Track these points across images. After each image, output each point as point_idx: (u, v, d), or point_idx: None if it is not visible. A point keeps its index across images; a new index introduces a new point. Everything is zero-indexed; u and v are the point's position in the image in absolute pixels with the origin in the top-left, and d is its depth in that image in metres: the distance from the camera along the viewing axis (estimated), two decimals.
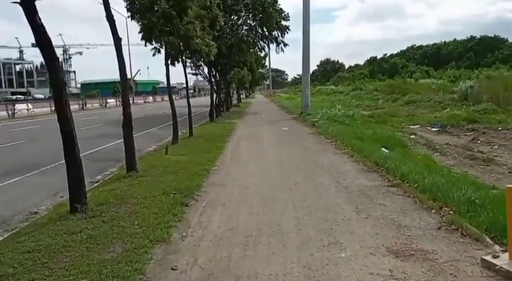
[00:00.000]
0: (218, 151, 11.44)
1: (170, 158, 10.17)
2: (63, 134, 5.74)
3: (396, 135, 13.00)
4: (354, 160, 9.04)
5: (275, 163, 9.35)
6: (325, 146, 11.53)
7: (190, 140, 14.57)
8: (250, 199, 6.45)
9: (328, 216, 5.34)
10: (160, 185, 7.28)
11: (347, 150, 10.28)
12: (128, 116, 8.23)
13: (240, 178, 7.94)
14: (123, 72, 8.14)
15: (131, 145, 8.24)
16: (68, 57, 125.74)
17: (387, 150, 10.30)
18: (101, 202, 6.30)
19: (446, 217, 4.95)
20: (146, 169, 8.77)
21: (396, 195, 6.10)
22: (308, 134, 14.87)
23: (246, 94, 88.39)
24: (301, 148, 11.47)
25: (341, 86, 67.28)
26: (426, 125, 16.62)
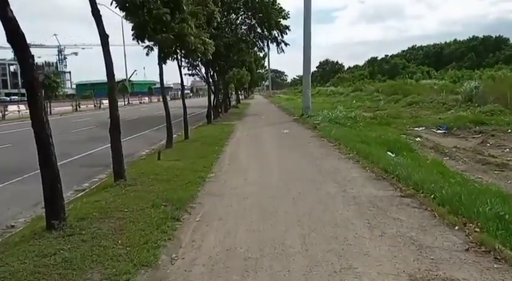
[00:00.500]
0: (215, 156, 10.81)
1: (163, 164, 9.53)
2: (38, 141, 5.10)
3: (402, 139, 12.39)
4: (361, 165, 8.41)
5: (276, 169, 8.72)
6: (328, 150, 10.90)
7: (185, 144, 13.93)
8: (249, 211, 5.82)
9: (338, 233, 4.71)
10: (150, 195, 6.64)
11: (352, 155, 9.65)
12: (116, 119, 7.59)
13: (238, 187, 7.31)
14: (110, 71, 7.51)
15: (119, 150, 7.60)
16: (63, 57, 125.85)
17: (393, 154, 9.70)
18: (82, 216, 5.66)
19: (473, 235, 4.32)
20: (136, 176, 8.13)
21: (411, 208, 5.47)
22: (310, 137, 14.25)
23: (245, 95, 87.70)
24: (303, 153, 10.84)
25: (341, 87, 66.76)
26: (431, 127, 16.01)
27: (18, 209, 7.26)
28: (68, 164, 11.71)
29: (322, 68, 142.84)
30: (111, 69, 7.50)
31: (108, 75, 7.53)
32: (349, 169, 8.28)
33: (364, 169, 8.10)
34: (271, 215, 5.53)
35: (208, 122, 21.68)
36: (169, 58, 13.42)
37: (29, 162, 11.79)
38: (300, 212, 5.55)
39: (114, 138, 7.56)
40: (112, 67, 7.52)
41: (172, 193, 6.70)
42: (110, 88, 7.84)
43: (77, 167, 11.39)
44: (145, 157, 11.94)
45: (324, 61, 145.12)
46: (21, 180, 9.38)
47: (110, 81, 7.60)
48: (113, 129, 7.53)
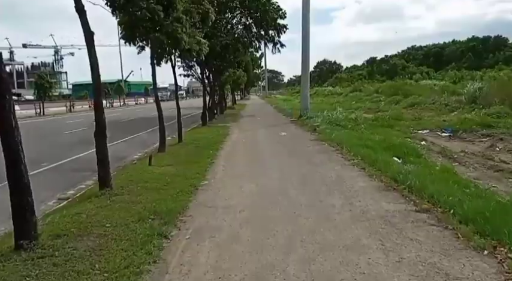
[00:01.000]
0: (209, 161, 10.18)
1: (154, 170, 8.91)
2: (5, 148, 4.47)
3: (408, 143, 11.78)
4: (367, 173, 7.80)
5: (275, 177, 8.09)
6: (330, 156, 10.28)
7: (179, 147, 13.31)
8: (245, 227, 5.19)
9: (348, 258, 4.09)
10: (137, 207, 6.02)
11: (356, 161, 9.04)
12: (102, 123, 6.95)
13: (233, 197, 6.68)
14: (96, 72, 6.88)
15: (105, 157, 6.97)
16: (59, 58, 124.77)
17: (400, 160, 9.10)
18: (58, 232, 5.03)
19: (508, 263, 3.71)
20: (124, 184, 7.50)
21: (429, 225, 4.85)
22: (310, 141, 13.66)
23: (242, 96, 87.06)
24: (303, 158, 10.22)
25: (339, 87, 66.19)
26: (436, 130, 15.41)
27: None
28: (55, 168, 11.11)
29: (319, 68, 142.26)
30: (96, 70, 6.87)
31: (93, 76, 6.90)
32: (354, 177, 7.66)
33: (371, 177, 7.48)
34: (270, 233, 4.90)
35: (203, 124, 21.04)
36: (163, 59, 12.82)
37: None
38: (302, 230, 4.92)
39: (100, 143, 6.92)
40: (97, 67, 6.89)
41: (161, 204, 6.08)
42: (96, 90, 7.21)
43: (65, 171, 10.75)
44: (136, 162, 11.29)
45: (321, 61, 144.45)
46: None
47: (95, 82, 6.97)
48: (98, 133, 6.89)
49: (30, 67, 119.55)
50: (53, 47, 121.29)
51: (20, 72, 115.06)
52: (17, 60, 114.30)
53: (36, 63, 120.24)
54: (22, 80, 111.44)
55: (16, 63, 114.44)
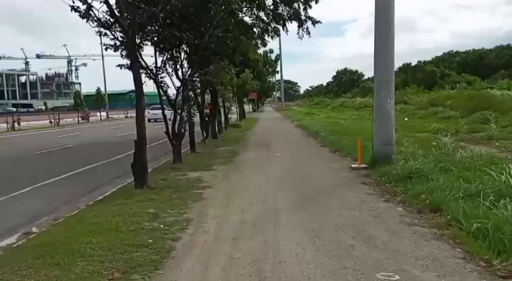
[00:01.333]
0: None
1: None
2: None
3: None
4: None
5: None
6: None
7: None
8: None
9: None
10: None
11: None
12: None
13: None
14: None
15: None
16: (74, 68, 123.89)
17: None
18: None
19: None
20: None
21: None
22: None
23: (254, 107, 75.05)
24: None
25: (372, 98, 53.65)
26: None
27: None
28: None
29: (339, 78, 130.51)
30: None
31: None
32: None
33: None
34: None
35: (139, 183, 8.70)
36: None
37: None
38: None
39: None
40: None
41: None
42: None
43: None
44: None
45: (341, 70, 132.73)
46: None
47: None
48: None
49: (45, 78, 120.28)
50: (66, 58, 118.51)
51: (33, 83, 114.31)
52: (31, 71, 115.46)
53: (50, 74, 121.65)
54: (36, 90, 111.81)
55: (30, 74, 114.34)
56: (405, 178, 7.07)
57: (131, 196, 7.44)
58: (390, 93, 9.04)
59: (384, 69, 9.03)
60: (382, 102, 9.00)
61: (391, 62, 9.01)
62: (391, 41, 8.97)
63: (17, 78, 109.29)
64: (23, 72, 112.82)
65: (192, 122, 14.11)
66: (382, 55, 9.08)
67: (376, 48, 9.09)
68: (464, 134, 17.34)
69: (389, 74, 9.02)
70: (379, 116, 9.19)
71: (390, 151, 9.10)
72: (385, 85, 9.01)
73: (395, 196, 6.51)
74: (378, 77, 9.17)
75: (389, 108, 9.00)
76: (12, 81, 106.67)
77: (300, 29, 19.23)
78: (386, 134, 9.10)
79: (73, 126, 39.71)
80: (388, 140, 9.08)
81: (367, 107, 45.69)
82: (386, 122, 9.07)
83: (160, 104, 11.66)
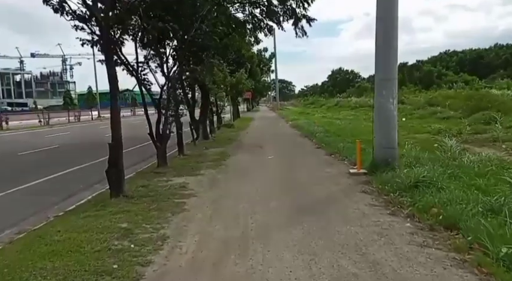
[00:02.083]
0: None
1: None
2: None
3: None
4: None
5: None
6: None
7: None
8: None
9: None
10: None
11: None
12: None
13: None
14: None
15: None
16: (68, 67, 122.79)
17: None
18: None
19: None
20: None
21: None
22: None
23: (248, 107, 74.17)
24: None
25: (369, 98, 52.98)
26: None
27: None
28: None
29: (333, 77, 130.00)
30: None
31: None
32: None
33: None
34: None
35: (114, 191, 7.81)
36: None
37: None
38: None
39: None
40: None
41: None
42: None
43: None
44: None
45: (336, 70, 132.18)
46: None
47: None
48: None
49: (40, 76, 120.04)
50: (61, 57, 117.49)
51: (28, 82, 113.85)
52: (26, 70, 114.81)
53: (44, 73, 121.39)
54: (30, 89, 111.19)
55: (24, 73, 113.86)
56: (411, 186, 6.30)
57: (105, 206, 6.62)
58: (393, 92, 8.25)
59: (386, 66, 8.23)
60: (384, 102, 8.20)
61: (394, 59, 8.22)
62: (395, 36, 8.19)
63: (12, 77, 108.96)
64: (18, 71, 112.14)
65: (180, 122, 13.29)
66: (384, 51, 8.29)
67: (377, 44, 8.31)
68: (467, 136, 16.66)
69: (392, 71, 8.23)
70: (380, 117, 8.40)
71: (392, 155, 8.33)
72: (387, 84, 8.21)
73: (401, 208, 5.74)
74: (379, 75, 8.38)
75: (392, 109, 8.21)
76: (7, 80, 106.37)
77: (296, 28, 18.56)
78: (388, 136, 8.32)
79: (63, 125, 38.74)
80: (390, 143, 8.31)
81: (363, 107, 45.14)
82: (388, 123, 8.28)
83: (143, 103, 10.83)
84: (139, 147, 15.82)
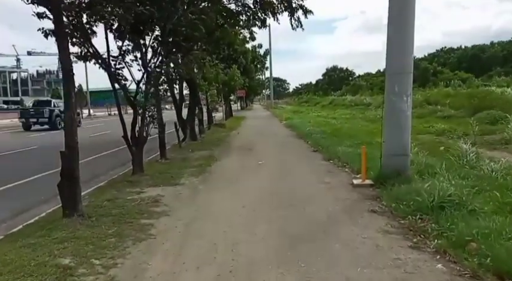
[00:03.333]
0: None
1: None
2: None
3: None
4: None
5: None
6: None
7: None
8: None
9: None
10: None
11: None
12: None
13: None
14: None
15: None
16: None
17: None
18: None
19: None
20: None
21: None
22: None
23: (242, 105, 72.77)
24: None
25: (365, 96, 51.82)
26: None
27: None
28: None
29: (328, 75, 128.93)
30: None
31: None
32: None
33: None
34: None
35: (67, 210, 6.41)
36: None
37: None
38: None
39: None
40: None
41: None
42: None
43: None
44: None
45: (331, 68, 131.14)
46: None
47: None
48: None
49: (36, 75, 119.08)
50: (57, 55, 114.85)
51: (24, 80, 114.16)
52: (22, 68, 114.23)
53: (41, 71, 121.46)
54: (26, 87, 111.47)
55: (21, 71, 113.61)
56: (435, 207, 5.05)
57: (52, 230, 5.30)
58: (408, 89, 6.96)
59: (400, 57, 6.90)
60: (397, 100, 6.89)
61: (410, 48, 6.87)
62: (411, 19, 6.87)
63: (8, 75, 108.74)
64: (14, 70, 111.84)
65: (163, 123, 11.98)
66: (398, 38, 6.95)
67: (390, 29, 6.98)
68: (475, 137, 15.49)
69: (407, 63, 6.92)
70: (391, 118, 7.10)
71: (403, 163, 7.07)
72: (400, 78, 6.91)
73: (426, 238, 4.47)
74: (391, 68, 7.06)
75: (405, 109, 6.92)
76: (3, 78, 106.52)
77: (292, 19, 17.33)
78: (399, 141, 7.04)
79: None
80: (402, 149, 7.03)
81: (358, 106, 43.87)
82: (400, 126, 6.99)
83: (116, 101, 9.50)
84: (122, 148, 14.49)
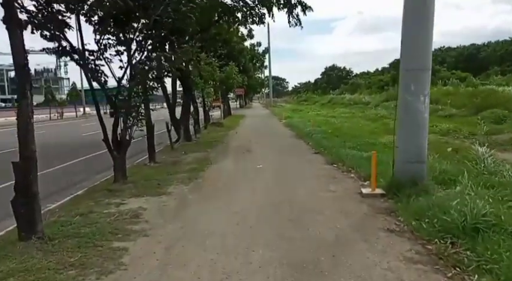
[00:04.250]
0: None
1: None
2: None
3: None
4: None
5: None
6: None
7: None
8: None
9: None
10: None
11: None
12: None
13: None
14: None
15: None
16: (63, 64, 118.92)
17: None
18: None
19: None
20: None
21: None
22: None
23: (241, 103, 71.83)
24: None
25: (362, 95, 50.92)
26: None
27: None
28: None
29: (326, 74, 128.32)
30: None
31: None
32: None
33: None
34: None
35: (23, 232, 5.59)
36: None
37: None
38: None
39: None
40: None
41: None
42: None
43: None
44: None
45: (329, 67, 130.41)
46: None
47: None
48: None
49: (34, 73, 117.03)
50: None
51: None
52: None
53: (39, 70, 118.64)
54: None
55: None
56: (468, 228, 4.14)
57: (3, 257, 4.38)
58: (425, 87, 6.03)
59: (418, 51, 5.96)
60: (413, 100, 5.97)
61: (429, 40, 5.96)
62: (431, 9, 5.97)
63: (6, 73, 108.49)
64: (12, 68, 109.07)
65: (151, 123, 11.07)
66: (416, 31, 6.02)
67: (406, 19, 6.06)
68: (487, 138, 14.62)
69: (426, 59, 5.99)
70: (406, 120, 6.18)
71: (420, 171, 6.17)
72: (417, 75, 5.99)
73: (462, 271, 3.56)
74: (406, 64, 6.12)
75: (422, 110, 6.00)
76: (0, 77, 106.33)
77: (290, 16, 16.48)
78: (416, 146, 6.13)
79: (43, 123, 36.04)
80: (418, 155, 6.13)
81: (357, 104, 42.97)
82: (417, 129, 6.08)
83: (94, 100, 8.58)
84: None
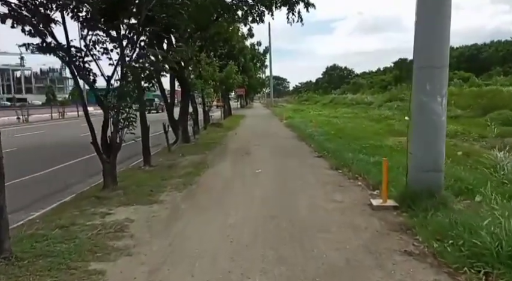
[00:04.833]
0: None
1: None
2: None
3: None
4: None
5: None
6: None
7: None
8: None
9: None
10: None
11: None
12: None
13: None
14: None
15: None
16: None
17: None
18: None
19: None
20: None
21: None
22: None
23: (242, 103, 71.22)
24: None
25: (366, 94, 50.32)
26: None
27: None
28: None
29: (328, 74, 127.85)
30: None
31: None
32: None
33: None
34: None
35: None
36: None
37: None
38: None
39: None
40: None
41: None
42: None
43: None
44: None
45: (330, 66, 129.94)
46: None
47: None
48: None
49: (40, 73, 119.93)
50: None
51: (28, 78, 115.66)
52: (25, 66, 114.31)
53: (44, 69, 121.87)
54: (30, 85, 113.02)
55: (24, 69, 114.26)
56: (502, 254, 3.54)
57: None
58: (442, 87, 5.40)
59: (434, 46, 5.31)
60: (428, 101, 5.35)
61: (447, 35, 5.37)
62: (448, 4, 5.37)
63: (12, 73, 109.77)
64: (18, 68, 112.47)
65: (147, 124, 10.49)
66: (431, 24, 5.39)
67: (419, 13, 5.45)
68: (483, 138, 14.15)
69: (443, 54, 5.36)
70: (420, 123, 5.56)
71: (436, 181, 5.56)
72: (433, 74, 5.35)
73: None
74: (420, 61, 5.48)
75: (439, 112, 5.38)
76: (7, 76, 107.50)
77: (290, 13, 15.93)
78: (432, 153, 5.51)
79: (44, 123, 35.52)
80: (436, 163, 5.52)
81: (359, 104, 42.33)
82: (434, 133, 5.47)
83: (82, 100, 7.97)
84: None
